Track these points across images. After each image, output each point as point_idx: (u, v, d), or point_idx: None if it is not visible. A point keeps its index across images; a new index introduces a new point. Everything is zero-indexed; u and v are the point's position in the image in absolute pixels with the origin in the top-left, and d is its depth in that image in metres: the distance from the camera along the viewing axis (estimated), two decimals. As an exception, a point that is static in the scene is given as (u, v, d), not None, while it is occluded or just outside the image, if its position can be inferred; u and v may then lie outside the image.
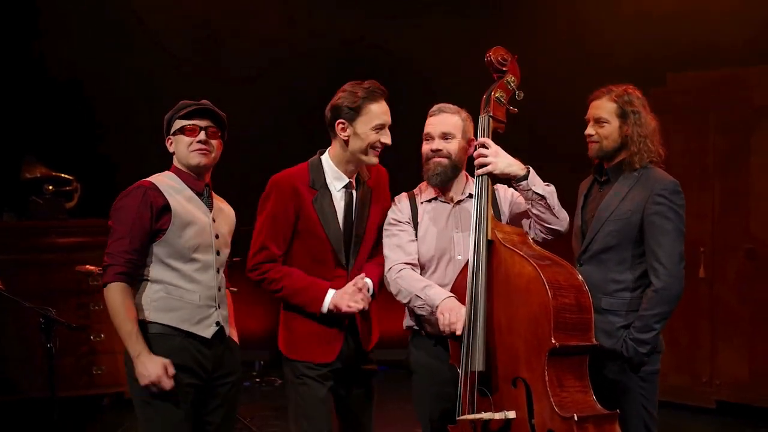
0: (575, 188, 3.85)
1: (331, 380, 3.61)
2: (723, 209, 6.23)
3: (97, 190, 6.74)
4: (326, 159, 3.62)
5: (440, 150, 3.61)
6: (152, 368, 3.19)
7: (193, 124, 3.36)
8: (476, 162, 3.48)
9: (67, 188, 6.85)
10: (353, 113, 3.51)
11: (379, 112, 3.51)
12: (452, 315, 3.36)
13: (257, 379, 7.22)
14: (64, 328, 4.12)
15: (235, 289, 5.46)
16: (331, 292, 3.53)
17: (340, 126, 3.53)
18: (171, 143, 3.42)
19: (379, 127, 3.51)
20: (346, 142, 3.54)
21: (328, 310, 3.52)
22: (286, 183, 3.56)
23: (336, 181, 3.60)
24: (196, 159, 3.36)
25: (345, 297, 3.50)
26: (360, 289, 3.51)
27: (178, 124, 3.37)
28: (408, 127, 3.89)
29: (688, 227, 3.61)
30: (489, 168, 3.44)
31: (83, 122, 7.45)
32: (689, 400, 6.38)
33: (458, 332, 3.33)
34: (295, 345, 3.64)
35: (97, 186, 6.84)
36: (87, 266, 5.82)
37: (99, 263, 5.50)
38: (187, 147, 3.36)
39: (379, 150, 3.55)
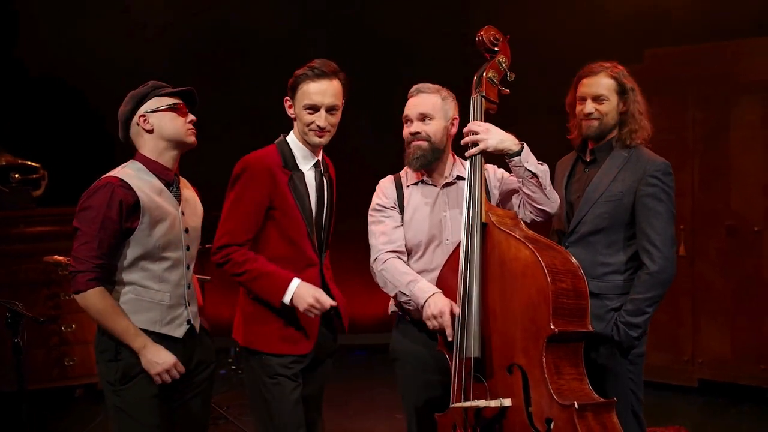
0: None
1: (301, 377, 3.45)
2: (703, 186, 6.21)
3: (64, 177, 6.60)
4: (292, 139, 3.50)
5: (419, 132, 3.50)
6: (165, 356, 3.14)
7: (182, 104, 3.26)
8: (466, 142, 3.38)
9: (34, 176, 6.71)
10: (292, 92, 3.42)
11: (311, 91, 3.36)
12: (441, 321, 3.26)
13: (233, 367, 7.11)
14: (35, 323, 3.99)
15: (208, 278, 5.38)
16: (296, 282, 3.33)
17: (288, 104, 3.47)
18: (146, 121, 3.22)
19: (309, 107, 3.37)
20: (295, 121, 3.48)
21: (290, 302, 3.31)
22: (260, 165, 3.40)
23: (304, 160, 3.47)
24: (191, 138, 3.26)
25: (309, 298, 3.29)
26: (322, 303, 3.31)
27: (164, 101, 3.22)
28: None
29: (673, 208, 3.58)
30: (480, 146, 3.34)
31: (49, 108, 7.27)
32: (671, 379, 6.37)
33: (449, 338, 3.24)
34: (265, 337, 3.42)
35: (64, 173, 6.70)
36: (55, 256, 5.64)
37: (68, 253, 5.41)
38: (183, 125, 3.24)
39: (319, 132, 3.39)
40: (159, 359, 3.13)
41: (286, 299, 3.30)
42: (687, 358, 6.32)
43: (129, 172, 3.20)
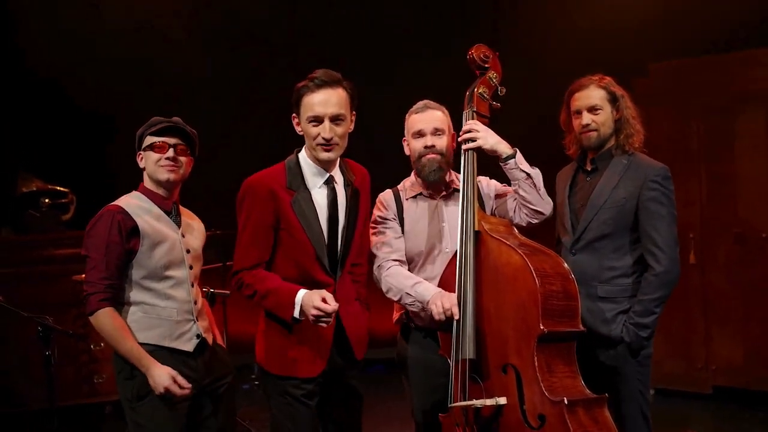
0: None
1: (318, 395, 3.41)
2: (710, 195, 6.29)
3: (93, 200, 6.73)
4: (302, 156, 3.43)
5: (434, 146, 3.66)
6: (159, 378, 3.26)
7: (162, 141, 3.41)
8: (465, 137, 3.53)
9: (63, 200, 6.89)
10: (296, 107, 3.38)
11: (313, 102, 3.29)
12: (445, 302, 3.38)
13: (256, 382, 7.21)
14: (63, 337, 4.17)
15: (227, 293, 5.52)
16: (300, 294, 3.24)
17: (295, 120, 3.41)
18: (141, 159, 3.47)
19: (313, 120, 3.30)
20: (303, 137, 3.42)
21: (300, 316, 3.24)
22: (261, 186, 3.35)
23: (315, 177, 3.40)
24: (164, 174, 3.41)
25: (311, 309, 3.18)
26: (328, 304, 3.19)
27: (149, 140, 3.43)
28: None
29: (676, 213, 3.68)
30: (479, 142, 3.49)
31: (77, 134, 7.45)
32: (686, 386, 6.42)
33: (456, 316, 3.34)
34: (275, 358, 3.41)
35: (92, 197, 6.82)
36: (83, 275, 5.85)
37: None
38: (155, 163, 3.41)
39: (326, 146, 3.32)
40: (153, 382, 3.27)
41: (296, 314, 3.24)
42: (701, 365, 6.36)
43: (129, 200, 3.43)
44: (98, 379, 6.41)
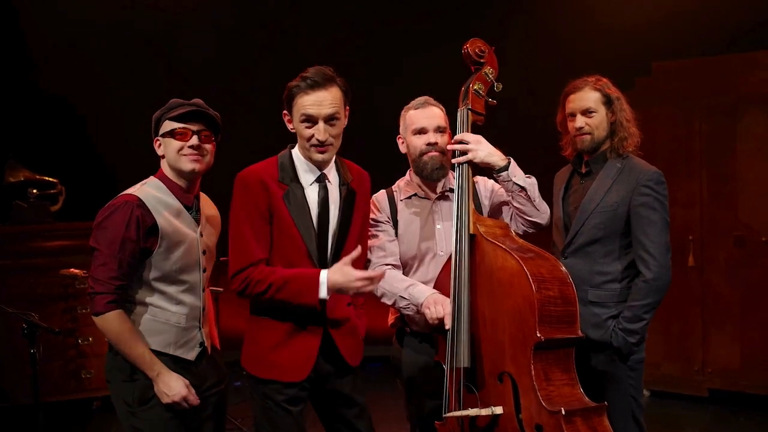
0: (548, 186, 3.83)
1: (303, 401, 3.28)
2: (711, 197, 6.24)
3: (82, 192, 6.70)
4: (295, 152, 3.29)
5: (436, 143, 3.57)
6: (176, 386, 3.12)
7: (184, 128, 3.14)
8: (454, 147, 3.43)
9: (52, 191, 6.80)
10: (288, 105, 3.21)
11: (306, 104, 3.13)
12: (438, 308, 3.30)
13: (248, 379, 7.17)
14: (50, 333, 4.07)
15: (220, 290, 5.45)
16: (324, 273, 3.09)
17: (286, 118, 3.26)
18: (159, 145, 3.20)
19: (306, 120, 3.15)
20: (295, 135, 3.27)
21: (328, 293, 3.09)
22: (253, 178, 3.20)
23: (306, 174, 3.25)
24: (188, 165, 3.15)
25: (354, 281, 3.07)
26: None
27: (168, 125, 3.15)
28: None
29: (676, 215, 3.63)
30: (469, 156, 3.39)
31: (66, 124, 7.37)
32: (682, 388, 6.40)
33: (447, 326, 3.27)
34: (259, 361, 3.26)
35: (82, 188, 6.80)
36: (72, 270, 5.79)
37: (85, 267, 5.54)
38: (177, 151, 3.14)
39: (320, 147, 3.18)
40: (169, 390, 3.11)
41: (323, 294, 3.10)
42: (697, 367, 6.33)
43: (148, 191, 3.16)
44: (86, 375, 6.37)
